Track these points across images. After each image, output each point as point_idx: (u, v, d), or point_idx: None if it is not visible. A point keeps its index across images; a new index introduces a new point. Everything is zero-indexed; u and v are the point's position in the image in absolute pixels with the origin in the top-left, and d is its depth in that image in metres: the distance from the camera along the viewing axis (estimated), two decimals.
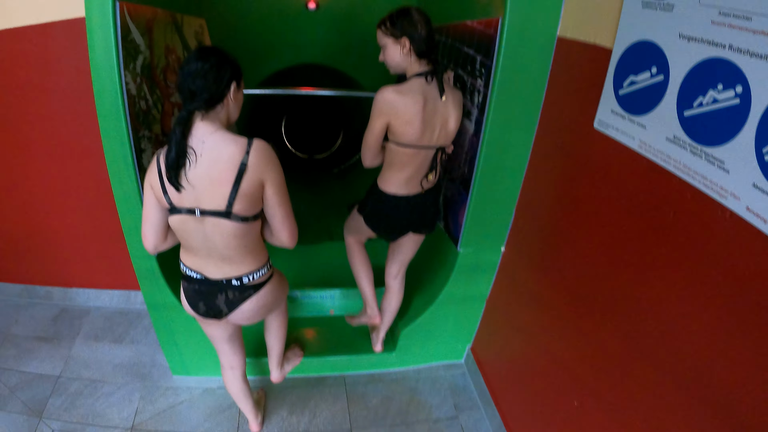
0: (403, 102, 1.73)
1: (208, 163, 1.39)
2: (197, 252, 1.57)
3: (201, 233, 1.50)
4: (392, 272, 2.37)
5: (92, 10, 1.59)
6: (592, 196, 1.60)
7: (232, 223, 1.46)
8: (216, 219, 1.45)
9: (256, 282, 1.65)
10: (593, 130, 1.55)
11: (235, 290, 1.63)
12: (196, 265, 1.61)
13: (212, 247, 1.53)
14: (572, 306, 1.72)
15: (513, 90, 1.83)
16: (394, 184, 1.97)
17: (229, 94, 1.44)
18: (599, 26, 1.53)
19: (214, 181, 1.40)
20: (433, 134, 1.85)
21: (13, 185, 2.69)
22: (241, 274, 1.61)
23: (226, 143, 1.40)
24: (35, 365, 2.61)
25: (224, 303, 1.65)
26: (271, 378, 2.36)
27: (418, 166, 1.92)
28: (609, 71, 1.46)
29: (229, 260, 1.57)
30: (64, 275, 3.01)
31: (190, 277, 1.64)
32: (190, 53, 1.42)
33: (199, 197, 1.42)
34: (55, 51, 2.27)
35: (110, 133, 1.77)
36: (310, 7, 2.97)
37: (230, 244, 1.51)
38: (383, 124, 1.79)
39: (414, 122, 1.76)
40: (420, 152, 1.87)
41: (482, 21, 1.87)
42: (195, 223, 1.47)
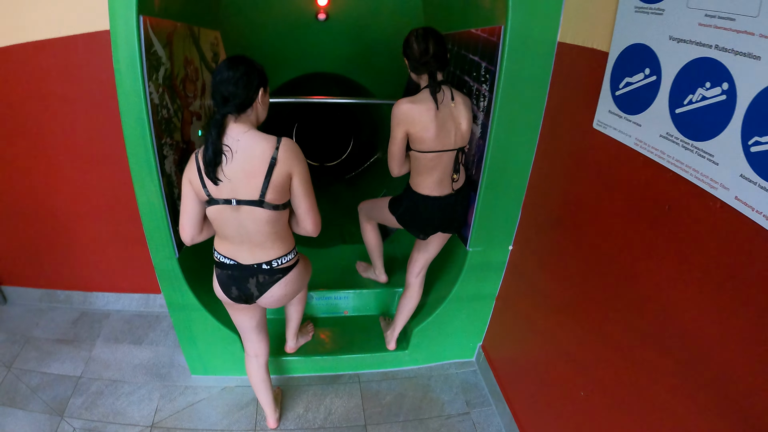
0: (417, 110, 1.91)
1: (242, 158, 1.57)
2: (232, 239, 1.73)
3: (236, 221, 1.66)
4: (414, 271, 2.46)
5: (117, 25, 1.69)
6: (593, 193, 1.66)
7: (265, 211, 1.63)
8: (250, 207, 1.62)
9: (284, 266, 1.81)
10: (593, 129, 1.62)
11: (265, 273, 1.79)
12: (229, 252, 1.77)
13: (245, 234, 1.70)
14: (578, 300, 1.78)
15: (516, 94, 1.90)
16: (427, 186, 2.11)
17: (257, 98, 1.61)
18: (596, 31, 1.60)
19: (249, 174, 1.58)
20: (450, 137, 1.99)
21: (36, 192, 2.80)
22: (270, 259, 1.77)
23: (258, 141, 1.59)
24: (56, 366, 2.69)
25: (255, 286, 1.81)
26: (286, 347, 2.60)
27: (444, 168, 2.06)
28: (606, 73, 1.53)
29: (260, 246, 1.73)
30: (84, 279, 3.11)
31: (223, 263, 1.80)
32: (221, 62, 1.59)
33: (235, 189, 1.60)
34: (77, 62, 2.37)
35: (134, 140, 1.86)
36: (320, 18, 3.07)
37: (262, 230, 1.68)
38: (403, 133, 1.96)
39: (430, 128, 1.92)
40: (442, 155, 2.02)
41: (486, 29, 1.95)
42: (231, 212, 1.64)
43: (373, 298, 2.88)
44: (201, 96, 2.46)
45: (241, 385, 2.60)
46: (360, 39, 3.17)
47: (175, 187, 2.12)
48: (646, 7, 1.31)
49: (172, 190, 2.09)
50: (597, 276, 1.65)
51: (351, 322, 2.84)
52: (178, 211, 2.11)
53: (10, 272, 3.15)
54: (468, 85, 2.18)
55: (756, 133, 0.98)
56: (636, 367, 1.45)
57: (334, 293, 2.84)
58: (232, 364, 2.58)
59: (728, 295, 1.09)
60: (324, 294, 2.84)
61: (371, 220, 2.63)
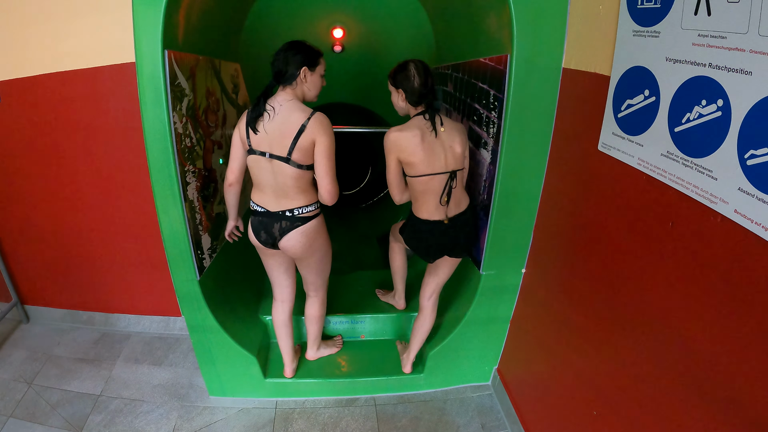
0: (404, 137, 2.01)
1: (280, 120, 1.94)
2: (264, 189, 2.08)
3: (269, 172, 2.02)
4: (426, 294, 2.49)
5: (143, 59, 1.81)
6: (601, 214, 1.68)
7: (290, 167, 1.98)
8: (280, 162, 1.98)
9: (304, 215, 2.11)
10: (598, 151, 1.66)
11: (287, 220, 2.10)
12: (262, 201, 2.11)
13: (274, 184, 2.04)
14: (590, 322, 1.78)
15: (524, 120, 1.97)
16: (426, 211, 2.16)
17: (299, 75, 1.97)
18: (597, 56, 1.65)
19: (282, 134, 1.94)
20: (440, 161, 2.05)
21: (62, 216, 2.92)
22: (293, 207, 2.08)
23: (295, 109, 1.96)
24: (77, 384, 2.75)
25: (278, 230, 2.12)
26: (306, 354, 2.76)
27: (438, 191, 2.10)
28: (608, 97, 1.58)
29: (285, 196, 2.06)
30: (106, 301, 3.19)
31: (257, 211, 2.14)
32: (283, 43, 2.02)
33: (270, 144, 1.96)
34: (104, 93, 2.51)
35: (159, 167, 1.96)
36: (336, 50, 3.19)
37: (287, 183, 2.02)
38: (395, 161, 2.06)
39: (417, 152, 2.01)
40: (434, 178, 2.07)
41: (493, 57, 2.03)
42: (265, 163, 2.00)
43: (389, 323, 2.90)
44: (222, 126, 2.57)
45: (258, 406, 2.62)
46: (375, 70, 3.28)
47: (197, 213, 2.21)
48: (643, 30, 1.37)
49: (194, 215, 2.18)
50: (607, 296, 1.65)
51: (367, 346, 2.87)
52: (200, 237, 2.21)
53: (34, 292, 3.25)
54: (478, 112, 2.25)
55: (751, 146, 1.01)
56: (648, 386, 1.44)
57: (351, 318, 2.87)
58: (250, 386, 2.61)
59: (732, 307, 1.10)
60: (341, 318, 2.88)
61: (395, 240, 2.70)
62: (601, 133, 1.64)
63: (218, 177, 2.50)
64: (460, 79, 2.49)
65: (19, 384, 2.74)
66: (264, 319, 2.81)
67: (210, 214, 2.38)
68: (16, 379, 2.78)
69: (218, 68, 2.49)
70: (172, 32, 1.86)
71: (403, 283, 2.87)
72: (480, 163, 2.26)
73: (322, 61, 2.09)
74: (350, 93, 3.50)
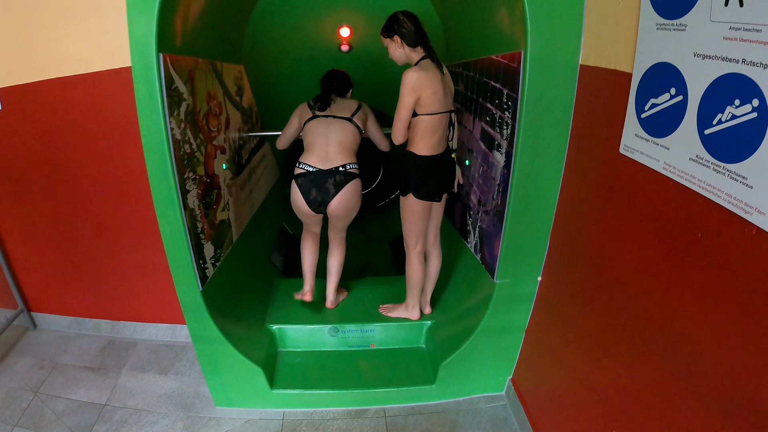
0: (427, 76, 2.11)
1: (338, 108, 2.64)
2: (317, 151, 2.55)
3: (325, 131, 2.58)
4: (431, 239, 2.65)
5: (137, 64, 1.74)
6: (622, 221, 1.58)
7: (351, 125, 2.61)
8: (342, 120, 2.60)
9: (352, 170, 2.58)
10: (619, 154, 1.55)
11: (341, 174, 2.54)
12: (313, 162, 2.54)
13: (329, 143, 2.57)
14: (610, 334, 1.68)
15: (540, 120, 1.86)
16: (431, 147, 2.29)
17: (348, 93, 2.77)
18: (618, 51, 1.54)
19: (343, 110, 2.65)
20: (449, 99, 2.25)
21: (64, 223, 2.89)
22: (345, 163, 2.55)
23: (349, 102, 2.70)
24: (82, 393, 2.72)
25: (332, 185, 2.52)
26: (327, 303, 2.92)
27: (444, 128, 2.28)
28: (630, 95, 1.47)
29: (337, 154, 2.55)
30: (113, 308, 3.16)
31: (307, 171, 2.54)
32: (328, 71, 2.74)
33: (333, 112, 2.62)
34: (103, 98, 2.46)
35: (157, 175, 1.90)
36: (343, 49, 3.12)
37: (343, 139, 2.58)
38: (414, 99, 2.14)
39: (439, 92, 2.14)
40: (444, 116, 2.24)
41: (506, 55, 1.92)
42: (324, 125, 2.59)
43: (399, 332, 2.80)
44: (225, 130, 2.50)
45: (265, 417, 2.55)
46: (384, 69, 3.19)
47: (198, 221, 2.14)
48: (668, 23, 1.26)
49: (195, 223, 2.11)
50: (628, 308, 1.55)
51: (377, 355, 2.77)
52: (202, 245, 2.15)
53: (41, 299, 3.23)
54: (490, 112, 2.15)
55: None
56: (670, 405, 1.35)
57: (361, 326, 2.78)
58: (257, 397, 2.54)
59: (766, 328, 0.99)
60: (350, 327, 2.78)
61: (412, 237, 2.60)
62: (622, 134, 1.52)
63: (221, 183, 2.43)
64: (471, 77, 2.39)
65: (25, 393, 2.72)
66: (271, 328, 2.73)
67: (213, 222, 2.31)
68: (22, 388, 2.75)
69: (220, 71, 2.43)
70: (167, 35, 1.80)
71: (419, 294, 2.75)
72: (493, 166, 2.15)
73: None
74: (359, 93, 3.40)
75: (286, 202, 3.87)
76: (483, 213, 2.34)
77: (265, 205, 3.36)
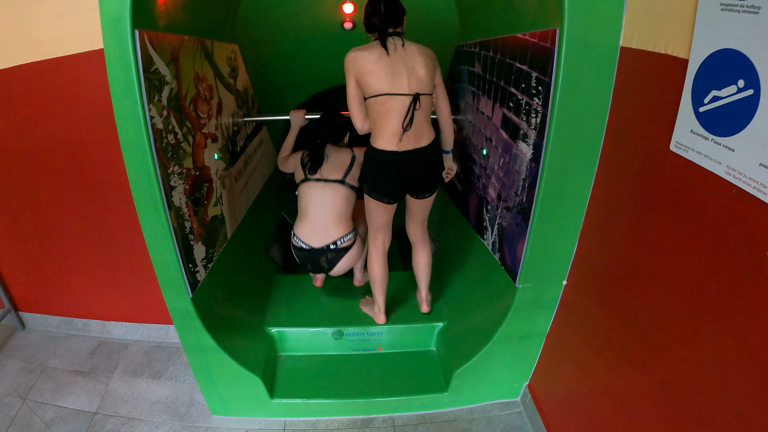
0: (361, 55, 2.03)
1: (331, 166, 2.48)
2: (310, 221, 2.47)
3: (318, 197, 2.46)
4: (410, 231, 2.50)
5: (110, 42, 1.49)
6: (668, 228, 1.37)
7: (344, 188, 2.47)
8: (335, 185, 2.46)
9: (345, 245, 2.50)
10: (669, 152, 1.33)
11: (332, 252, 2.50)
12: (306, 236, 2.49)
13: (322, 212, 2.46)
14: (641, 345, 1.52)
15: (576, 109, 1.60)
16: (383, 138, 2.07)
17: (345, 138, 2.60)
18: (670, 33, 1.31)
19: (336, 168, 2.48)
20: (402, 80, 2.01)
21: (45, 218, 2.67)
22: (337, 239, 2.48)
23: (343, 155, 2.51)
24: (72, 400, 2.56)
25: (326, 261, 2.54)
26: (355, 281, 2.93)
27: (398, 115, 2.02)
28: (686, 85, 1.24)
29: (330, 226, 2.46)
30: (102, 308, 2.97)
31: (301, 248, 2.51)
32: (323, 114, 2.61)
33: (324, 174, 2.47)
34: (82, 83, 2.20)
35: (136, 171, 1.67)
36: (346, 27, 2.84)
37: (337, 205, 2.46)
38: (353, 81, 2.07)
39: (374, 70, 2.00)
40: (394, 99, 2.01)
41: (535, 33, 1.66)
42: (317, 190, 2.46)
43: (408, 334, 2.60)
44: (217, 115, 2.26)
45: (265, 428, 2.38)
46: None
47: (186, 220, 1.91)
48: (735, 4, 1.01)
49: (183, 223, 1.89)
50: (666, 323, 1.37)
51: (384, 359, 2.57)
52: (191, 247, 1.93)
53: (28, 298, 3.05)
54: (515, 98, 1.89)
55: None
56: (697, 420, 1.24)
57: (367, 329, 2.57)
58: (256, 406, 2.37)
59: None
60: (356, 330, 2.58)
61: (371, 231, 2.48)
62: (674, 129, 1.30)
63: (213, 175, 2.19)
64: (491, 58, 2.12)
65: (14, 399, 2.56)
66: (269, 331, 2.53)
67: (203, 220, 2.09)
68: (10, 394, 2.60)
69: (210, 50, 2.17)
70: (146, 9, 1.54)
71: (383, 294, 2.54)
72: (517, 158, 1.91)
73: None
74: None
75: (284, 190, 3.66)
76: (504, 209, 2.10)
77: (262, 195, 3.12)
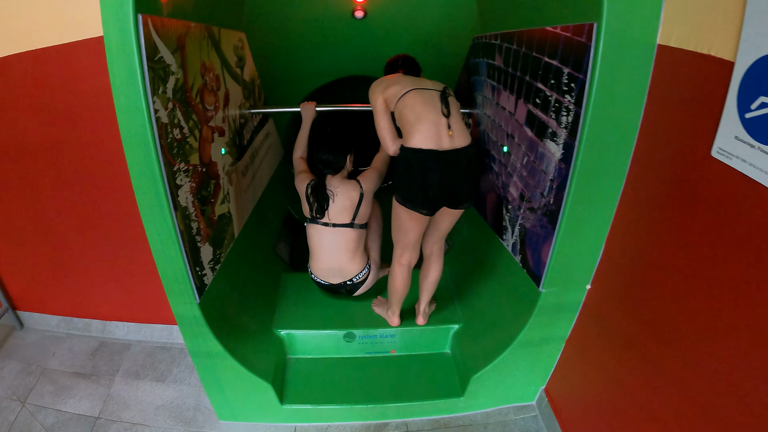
0: (386, 77, 2.15)
1: (338, 208, 2.34)
2: (324, 262, 2.42)
3: (328, 241, 2.37)
4: (428, 244, 2.31)
5: (110, 29, 1.36)
6: (707, 237, 1.30)
7: (354, 231, 2.38)
8: (344, 229, 2.37)
9: (361, 279, 2.50)
10: (710, 158, 1.26)
11: (349, 286, 2.50)
12: (322, 275, 2.47)
13: (334, 254, 2.39)
14: (666, 352, 1.48)
15: (611, 108, 1.50)
16: (420, 133, 1.89)
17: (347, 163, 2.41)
18: (714, 33, 1.22)
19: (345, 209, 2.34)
20: (428, 84, 2.04)
21: (45, 217, 2.56)
22: (353, 276, 2.46)
23: (349, 191, 2.34)
24: (73, 404, 2.47)
25: (345, 292, 2.56)
26: None
27: (432, 108, 1.91)
28: (731, 89, 1.17)
29: (345, 264, 2.42)
30: (103, 307, 2.87)
31: (320, 282, 2.52)
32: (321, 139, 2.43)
33: (332, 217, 2.34)
34: (81, 72, 2.07)
35: (139, 169, 1.55)
36: (357, 15, 2.71)
37: (349, 247, 2.39)
38: (381, 102, 2.05)
39: (400, 82, 2.04)
40: (423, 93, 1.96)
41: (568, 27, 1.54)
42: (327, 234, 2.37)
43: (423, 336, 2.51)
44: (224, 107, 2.14)
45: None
46: (402, 38, 2.82)
47: (193, 221, 1.80)
48: None
49: (190, 224, 1.77)
50: (701, 337, 1.33)
51: (398, 362, 2.48)
52: (198, 249, 1.83)
53: (26, 297, 2.94)
54: (542, 94, 1.77)
55: None
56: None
57: (379, 331, 2.47)
58: (265, 411, 2.28)
59: None
60: (368, 332, 2.47)
61: (398, 258, 2.27)
62: (717, 134, 1.23)
63: (220, 171, 2.08)
64: (514, 51, 1.99)
65: (13, 403, 2.47)
66: (279, 333, 2.43)
67: (210, 219, 1.98)
68: (9, 397, 2.50)
69: (218, 38, 2.05)
70: None
71: (399, 305, 2.44)
72: (544, 158, 1.80)
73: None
74: (372, 65, 3.01)
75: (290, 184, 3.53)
76: (527, 210, 1.99)
77: (268, 190, 3.01)
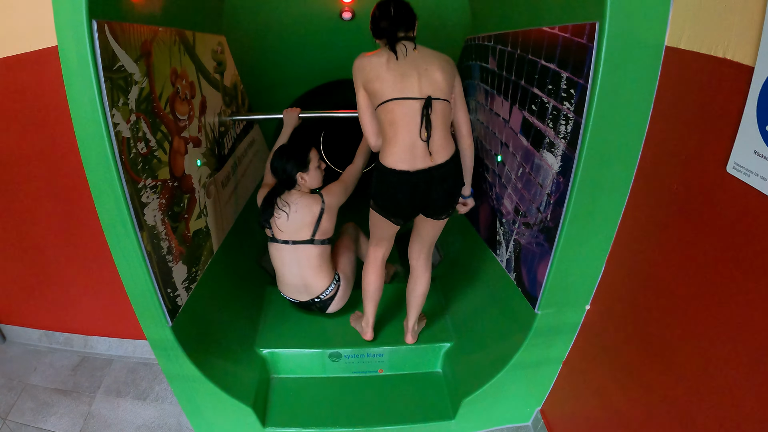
0: (368, 61, 1.85)
1: (295, 224, 2.20)
2: (289, 283, 2.32)
3: (290, 260, 2.26)
4: (413, 253, 2.21)
5: (64, 36, 1.25)
6: (721, 261, 1.19)
7: (316, 247, 2.24)
8: (306, 246, 2.24)
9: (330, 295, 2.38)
10: (725, 174, 1.14)
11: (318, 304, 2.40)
12: (290, 293, 2.39)
13: (298, 274, 2.27)
14: (670, 382, 1.40)
15: (613, 118, 1.37)
16: (392, 154, 1.82)
17: (298, 180, 2.21)
18: (731, 33, 1.10)
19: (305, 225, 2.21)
20: (412, 83, 1.78)
21: (21, 231, 2.47)
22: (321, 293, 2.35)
23: (311, 203, 2.21)
24: (53, 422, 2.39)
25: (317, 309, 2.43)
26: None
27: (410, 126, 1.78)
28: (750, 97, 1.04)
29: (311, 282, 2.30)
30: (84, 322, 2.78)
31: (291, 300, 2.44)
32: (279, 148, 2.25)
33: (291, 234, 2.21)
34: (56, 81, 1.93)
35: (99, 187, 1.43)
36: (345, 17, 2.58)
37: (312, 264, 2.26)
38: (363, 91, 1.88)
39: (382, 75, 1.80)
40: (404, 104, 1.78)
41: (567, 27, 1.41)
42: (288, 253, 2.25)
43: (412, 355, 2.38)
44: (200, 116, 2.02)
45: None
46: None
47: (162, 240, 1.68)
48: None
49: (159, 244, 1.66)
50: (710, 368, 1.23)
51: (386, 382, 2.36)
52: (170, 270, 1.72)
53: (8, 311, 2.87)
54: (539, 100, 1.64)
55: None
56: None
57: (367, 350, 2.34)
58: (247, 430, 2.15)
59: None
60: (356, 351, 2.34)
61: (371, 239, 2.21)
62: (733, 148, 1.11)
63: (196, 184, 1.96)
64: (509, 54, 1.86)
65: None
66: (261, 353, 2.31)
67: (184, 236, 1.86)
68: None
69: (192, 43, 1.93)
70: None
71: (374, 307, 2.30)
72: (541, 170, 1.67)
73: (313, 155, 2.22)
74: None
75: None
76: (522, 225, 1.87)
77: (253, 199, 2.89)
